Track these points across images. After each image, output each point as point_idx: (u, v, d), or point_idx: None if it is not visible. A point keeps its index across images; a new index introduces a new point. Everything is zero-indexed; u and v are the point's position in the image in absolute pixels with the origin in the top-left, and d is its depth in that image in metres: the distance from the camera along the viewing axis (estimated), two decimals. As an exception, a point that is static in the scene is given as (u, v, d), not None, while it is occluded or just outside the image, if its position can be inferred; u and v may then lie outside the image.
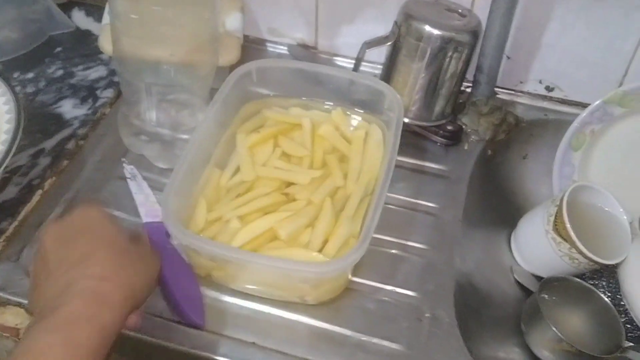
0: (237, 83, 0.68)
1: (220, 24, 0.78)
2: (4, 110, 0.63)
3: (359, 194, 0.63)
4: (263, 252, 0.59)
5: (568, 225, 0.65)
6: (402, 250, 0.64)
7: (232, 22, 0.78)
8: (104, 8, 0.81)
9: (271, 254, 0.58)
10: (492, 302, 0.70)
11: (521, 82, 0.80)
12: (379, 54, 0.74)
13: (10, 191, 0.66)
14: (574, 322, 0.69)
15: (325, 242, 0.60)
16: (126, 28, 0.64)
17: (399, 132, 0.63)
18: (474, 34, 0.69)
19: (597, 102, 0.70)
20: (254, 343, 0.56)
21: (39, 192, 0.67)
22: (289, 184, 0.65)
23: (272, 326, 0.57)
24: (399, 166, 0.71)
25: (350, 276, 0.61)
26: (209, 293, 0.59)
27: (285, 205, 0.63)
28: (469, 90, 0.77)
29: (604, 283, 0.72)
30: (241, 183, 0.65)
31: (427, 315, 0.59)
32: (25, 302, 0.57)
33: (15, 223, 0.64)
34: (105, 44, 0.74)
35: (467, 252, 0.68)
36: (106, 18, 0.76)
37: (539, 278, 0.71)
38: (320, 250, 0.59)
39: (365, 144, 0.68)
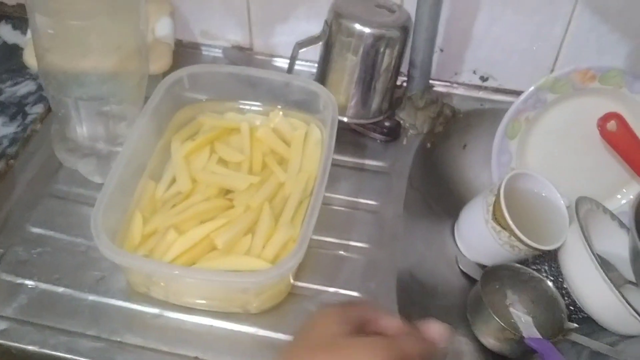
0: (168, 90, 0.67)
1: (150, 30, 0.76)
2: None
3: (297, 195, 0.63)
4: (201, 262, 0.58)
5: (506, 214, 0.66)
6: (344, 250, 0.64)
7: (162, 27, 0.77)
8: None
9: (209, 264, 0.58)
10: (438, 293, 0.70)
11: (456, 74, 0.81)
12: (315, 52, 0.74)
13: (-63, 218, 0.64)
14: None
15: (265, 247, 0.59)
16: (47, 43, 0.62)
17: (334, 131, 0.63)
18: (404, 29, 0.69)
19: (530, 89, 0.71)
20: (196, 358, 0.55)
21: (-32, 217, 0.64)
22: (228, 191, 0.65)
23: (215, 338, 0.57)
24: (339, 165, 0.71)
25: (292, 280, 0.60)
26: (149, 309, 0.58)
27: (223, 212, 0.62)
28: (405, 85, 0.77)
29: (546, 267, 0.74)
30: (178, 193, 0.64)
31: (370, 314, 0.59)
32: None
33: (-56, 252, 0.61)
34: (30, 59, 0.72)
35: (409, 246, 0.68)
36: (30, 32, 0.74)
37: (483, 267, 0.72)
38: (259, 255, 0.59)
39: (305, 144, 0.67)
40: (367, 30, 0.68)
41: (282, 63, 0.83)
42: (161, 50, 0.75)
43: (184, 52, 0.83)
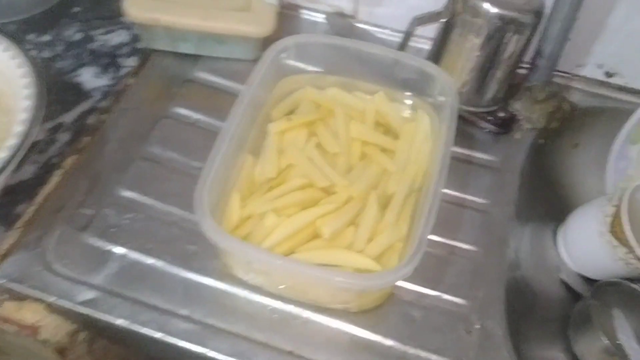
0: (273, 60, 0.62)
1: (254, -11, 0.71)
2: (21, 84, 0.57)
3: (404, 190, 0.58)
4: (302, 252, 0.54)
5: (627, 229, 0.60)
6: (450, 252, 0.60)
7: (267, -13, 0.72)
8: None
9: (310, 255, 0.54)
10: (537, 303, 0.66)
11: (578, 66, 0.74)
12: (426, 28, 0.68)
13: (27, 171, 0.61)
14: (625, 332, 0.64)
15: (369, 240, 0.55)
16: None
17: (454, 124, 0.57)
18: (537, 14, 0.62)
19: (665, 94, 0.64)
20: (290, 352, 0.52)
21: (59, 172, 0.62)
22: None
23: (310, 333, 0.54)
24: (445, 155, 0.66)
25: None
26: (244, 294, 0.55)
27: (325, 199, 0.58)
28: (521, 72, 0.71)
29: (656, 287, 0.68)
30: (278, 174, 0.60)
31: (476, 326, 0.55)
32: (46, 297, 0.53)
33: (34, 207, 0.59)
34: (131, 9, 0.67)
35: (516, 252, 0.64)
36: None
37: (586, 279, 0.67)
38: (362, 250, 0.55)
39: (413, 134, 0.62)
40: (496, 11, 0.61)
41: (387, 35, 0.77)
42: (265, 12, 0.70)
43: (284, 15, 0.77)
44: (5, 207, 0.58)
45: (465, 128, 0.69)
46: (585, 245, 0.66)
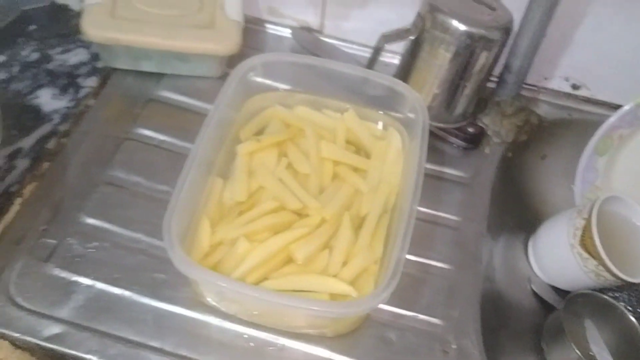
0: (241, 78, 0.61)
1: (217, 5, 0.70)
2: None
3: (377, 210, 0.58)
4: (276, 277, 0.53)
5: (597, 243, 0.61)
6: (424, 271, 0.59)
7: (230, 3, 0.70)
8: (82, -21, 0.72)
9: (284, 280, 0.53)
10: (511, 316, 0.66)
11: (545, 79, 0.74)
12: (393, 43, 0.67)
13: (-16, 199, 0.59)
14: (596, 342, 0.65)
15: (343, 263, 0.54)
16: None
17: (426, 143, 0.57)
18: (505, 31, 0.62)
19: (630, 106, 0.65)
20: (267, 380, 0.51)
21: (18, 200, 0.59)
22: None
23: (287, 359, 0.53)
24: (415, 172, 0.66)
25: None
26: (216, 322, 0.54)
27: (298, 222, 0.57)
28: (490, 86, 0.71)
29: (625, 296, 0.69)
30: (248, 197, 0.58)
31: (453, 346, 0.55)
32: (8, 332, 0.51)
33: (-7, 239, 0.56)
34: (90, 28, 0.65)
35: (489, 266, 0.64)
36: (89, -3, 0.67)
37: (558, 290, 0.68)
38: (337, 274, 0.54)
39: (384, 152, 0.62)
40: (464, 27, 0.61)
41: (355, 50, 0.77)
42: (230, 29, 0.68)
43: (248, 30, 0.76)
44: (-39, 241, 0.56)
45: (435, 143, 0.69)
46: (555, 257, 0.67)
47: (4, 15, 0.74)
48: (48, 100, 0.67)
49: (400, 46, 0.68)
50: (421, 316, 0.56)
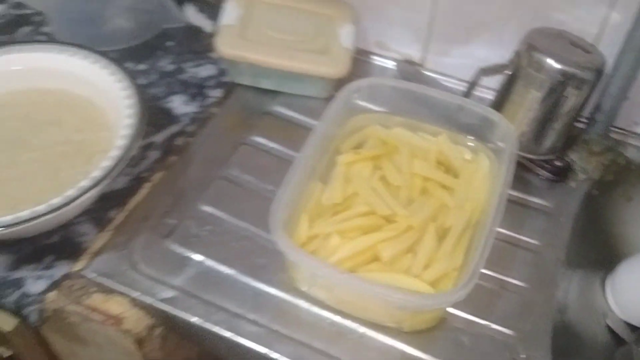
0: (346, 99, 0.69)
1: (332, 35, 0.78)
2: (124, 105, 0.65)
3: (461, 224, 0.63)
4: (362, 273, 0.59)
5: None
6: (501, 286, 0.63)
7: (344, 34, 0.79)
8: (217, 6, 0.83)
9: (369, 276, 0.59)
10: (582, 344, 0.68)
11: (635, 123, 0.77)
12: (490, 78, 0.73)
13: (120, 181, 0.68)
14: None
15: (425, 266, 0.60)
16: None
17: (512, 166, 0.62)
18: (598, 73, 0.66)
19: None
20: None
21: (148, 185, 0.69)
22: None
23: (365, 346, 0.58)
24: (501, 197, 0.70)
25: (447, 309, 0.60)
26: (305, 306, 0.60)
27: (386, 226, 0.63)
28: (579, 125, 0.75)
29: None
30: (343, 201, 0.65)
31: (522, 356, 0.58)
32: (128, 292, 0.59)
33: (124, 214, 0.66)
34: (222, 46, 0.75)
35: (564, 295, 0.66)
36: (225, 18, 0.78)
37: (633, 327, 0.69)
38: (418, 276, 0.59)
39: (473, 174, 0.67)
40: (559, 66, 0.66)
41: (452, 84, 0.83)
42: (341, 56, 0.76)
43: (357, 60, 0.84)
44: (99, 212, 0.65)
45: (522, 173, 0.73)
46: (634, 295, 0.68)
47: (147, 32, 0.87)
48: (179, 105, 0.77)
49: (494, 83, 0.74)
50: (494, 325, 0.60)
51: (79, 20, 0.84)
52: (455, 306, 0.61)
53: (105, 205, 0.66)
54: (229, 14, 0.78)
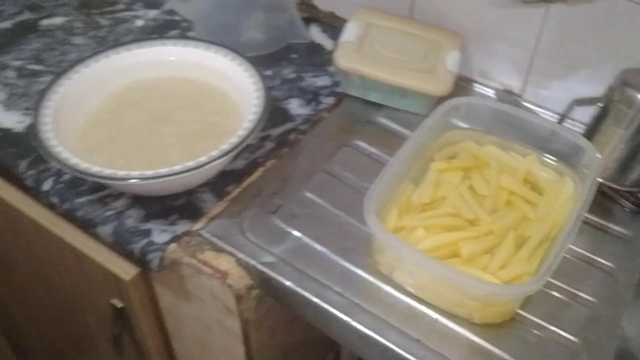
0: (445, 113, 0.76)
1: (440, 59, 0.86)
2: (253, 96, 0.75)
3: (539, 236, 0.68)
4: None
5: None
6: (570, 297, 0.67)
7: (450, 59, 0.86)
8: (338, 27, 0.94)
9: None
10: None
11: None
12: (580, 111, 0.78)
13: (239, 163, 0.79)
14: None
15: (502, 268, 0.65)
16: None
17: (594, 189, 0.66)
18: (688, 113, 0.70)
19: None
20: (418, 340, 0.62)
21: (261, 169, 0.79)
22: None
23: (436, 330, 0.64)
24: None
25: (517, 308, 0.65)
26: (386, 288, 0.67)
27: (468, 227, 0.69)
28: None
29: None
30: (431, 201, 0.72)
31: (584, 361, 0.62)
32: (236, 252, 0.69)
33: (239, 189, 0.76)
34: (340, 60, 0.85)
35: (633, 316, 0.69)
36: (344, 36, 0.88)
37: None
38: (494, 274, 0.64)
39: (557, 195, 0.72)
40: (650, 104, 0.70)
41: (547, 115, 0.88)
42: (445, 76, 0.84)
43: (458, 86, 0.91)
44: (218, 185, 0.76)
45: (606, 203, 0.77)
46: None
47: (276, 44, 0.98)
48: (295, 107, 0.88)
49: (585, 117, 0.78)
50: (560, 331, 0.64)
51: (220, 30, 0.97)
52: (525, 308, 0.66)
53: (224, 180, 0.76)
54: (349, 33, 0.88)
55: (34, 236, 0.85)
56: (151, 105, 0.79)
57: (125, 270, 0.77)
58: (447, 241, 0.67)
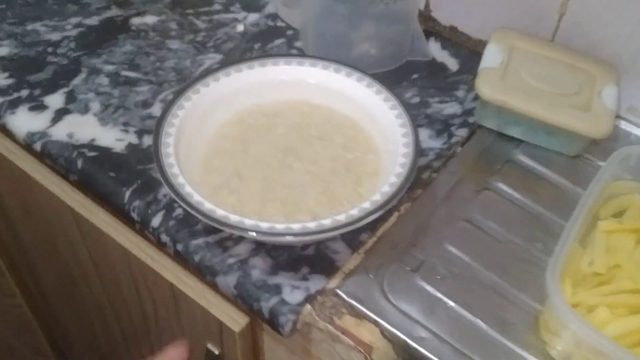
0: (616, 165, 0.66)
1: (595, 93, 0.75)
2: (398, 133, 0.65)
3: None
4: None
5: None
6: None
7: (607, 94, 0.75)
8: (460, 44, 0.83)
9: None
10: None
11: None
12: None
13: (369, 205, 0.69)
14: None
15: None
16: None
17: None
18: None
19: None
20: None
21: (396, 213, 0.69)
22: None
23: None
24: None
25: None
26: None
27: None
28: None
29: None
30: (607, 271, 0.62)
31: None
32: (382, 322, 0.59)
33: (374, 239, 0.66)
34: (483, 87, 0.74)
35: None
36: (486, 60, 0.77)
37: None
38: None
39: None
40: None
41: None
42: (604, 116, 0.73)
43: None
44: (351, 233, 0.65)
45: None
46: None
47: (391, 62, 0.88)
48: (425, 138, 0.77)
49: None
50: None
51: (329, 41, 0.86)
52: None
53: (356, 229, 0.66)
54: (491, 57, 0.77)
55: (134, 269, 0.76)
56: (276, 134, 0.68)
57: (235, 320, 0.68)
58: (636, 326, 0.56)
